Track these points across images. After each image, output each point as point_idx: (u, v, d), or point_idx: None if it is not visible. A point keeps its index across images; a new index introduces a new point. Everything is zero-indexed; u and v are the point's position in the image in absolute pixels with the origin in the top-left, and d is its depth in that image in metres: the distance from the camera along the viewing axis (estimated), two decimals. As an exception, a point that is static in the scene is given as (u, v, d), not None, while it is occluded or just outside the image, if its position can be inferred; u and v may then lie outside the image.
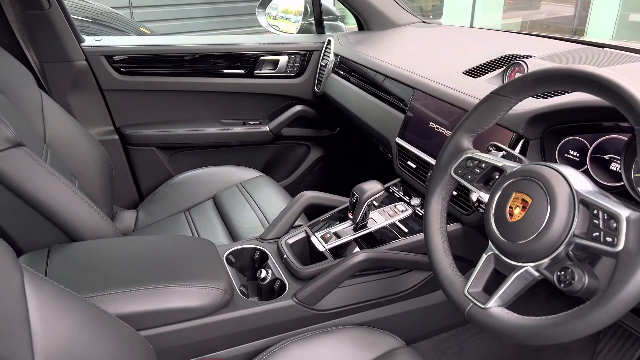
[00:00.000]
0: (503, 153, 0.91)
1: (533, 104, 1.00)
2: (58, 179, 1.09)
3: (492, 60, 1.32)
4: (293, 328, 1.08)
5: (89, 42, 1.76)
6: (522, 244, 0.73)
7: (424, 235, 0.90)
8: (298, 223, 1.31)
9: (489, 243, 0.80)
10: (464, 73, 1.30)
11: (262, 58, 1.90)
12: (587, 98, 0.88)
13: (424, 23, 1.95)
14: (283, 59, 1.92)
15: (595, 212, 0.66)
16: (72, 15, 1.69)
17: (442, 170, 0.91)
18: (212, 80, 1.88)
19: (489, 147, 0.94)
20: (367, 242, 1.19)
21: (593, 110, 0.89)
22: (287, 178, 2.10)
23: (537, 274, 0.73)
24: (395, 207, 1.26)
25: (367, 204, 1.15)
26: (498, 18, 7.03)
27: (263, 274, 1.14)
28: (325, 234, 1.20)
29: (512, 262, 0.75)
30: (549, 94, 1.04)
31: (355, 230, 1.19)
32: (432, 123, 1.25)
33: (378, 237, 1.20)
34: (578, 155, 0.95)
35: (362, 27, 1.96)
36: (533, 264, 0.73)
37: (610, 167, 0.91)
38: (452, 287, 0.82)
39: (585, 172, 0.94)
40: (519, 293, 0.75)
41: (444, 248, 0.87)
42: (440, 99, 1.23)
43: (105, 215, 1.18)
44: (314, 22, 2.02)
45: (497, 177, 0.84)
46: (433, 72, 1.36)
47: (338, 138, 2.11)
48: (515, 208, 0.76)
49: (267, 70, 1.93)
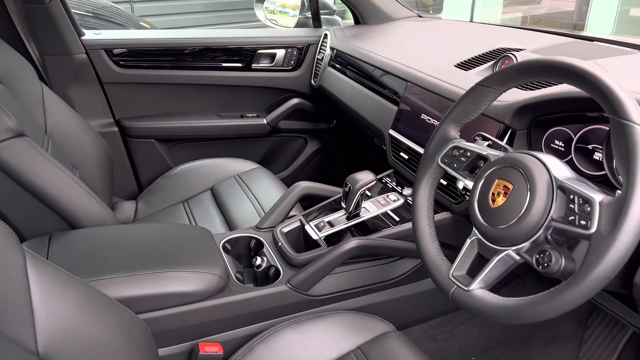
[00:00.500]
0: (489, 142, 0.94)
1: (520, 96, 1.03)
2: (59, 169, 1.12)
3: (483, 54, 1.35)
4: (287, 313, 1.11)
5: (89, 35, 1.79)
6: (503, 229, 0.76)
7: (412, 222, 0.93)
8: (293, 213, 1.34)
9: (473, 228, 0.83)
10: (456, 66, 1.33)
11: (259, 51, 1.93)
12: (571, 89, 0.91)
13: (420, 17, 1.97)
14: (280, 53, 1.95)
15: (572, 197, 0.70)
16: (73, 10, 1.72)
17: (429, 159, 0.94)
18: (210, 74, 1.91)
19: (476, 137, 0.97)
20: (359, 230, 1.22)
21: (577, 101, 0.92)
22: (284, 170, 2.13)
23: (517, 258, 0.76)
24: (388, 196, 1.29)
25: (359, 194, 1.18)
26: (498, 13, 7.03)
27: (258, 261, 1.17)
28: (319, 223, 1.23)
29: (494, 246, 0.78)
30: (536, 86, 1.07)
31: (349, 220, 1.22)
32: (424, 115, 1.28)
33: (370, 225, 1.23)
34: (563, 145, 0.98)
35: (358, 21, 1.99)
36: (514, 248, 0.76)
37: (594, 156, 0.94)
38: (437, 270, 0.85)
39: (570, 161, 0.97)
40: (501, 276, 0.78)
41: (431, 234, 0.90)
42: (432, 91, 1.26)
43: (105, 204, 1.21)
44: (311, 16, 2.05)
45: (481, 165, 0.87)
46: (426, 65, 1.39)
47: (334, 131, 2.14)
48: (498, 194, 0.79)
49: (264, 64, 1.95)
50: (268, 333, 1.03)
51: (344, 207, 1.21)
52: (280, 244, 1.18)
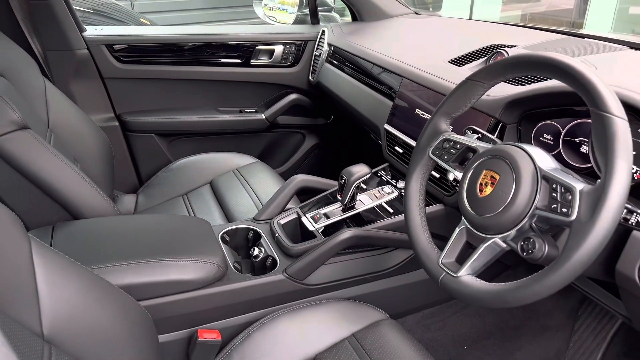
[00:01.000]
0: (478, 135, 0.97)
1: (510, 90, 1.06)
2: (62, 161, 1.14)
3: (476, 50, 1.38)
4: (284, 301, 1.14)
5: (90, 31, 1.82)
6: (490, 217, 0.79)
7: (404, 212, 0.96)
8: (290, 205, 1.37)
9: (462, 218, 0.86)
10: (450, 62, 1.36)
11: (258, 48, 1.95)
12: (559, 84, 0.94)
13: (416, 14, 2.00)
14: (278, 49, 1.98)
15: (554, 186, 0.73)
16: (74, 7, 1.75)
17: (421, 152, 0.97)
18: (209, 69, 1.94)
19: (466, 130, 1.00)
20: (355, 222, 1.25)
21: (564, 96, 0.95)
22: (282, 165, 2.15)
23: (504, 245, 0.79)
24: (382, 189, 1.32)
25: (354, 186, 1.21)
26: (497, 11, 7.04)
27: (256, 252, 1.20)
28: (315, 215, 1.26)
29: (481, 234, 0.81)
30: (526, 81, 1.10)
31: (344, 211, 1.26)
32: (418, 109, 1.31)
33: (365, 217, 1.26)
34: (552, 139, 1.01)
35: (355, 18, 2.02)
36: (500, 236, 0.79)
37: (581, 149, 0.97)
38: (427, 258, 0.88)
39: (558, 154, 1.00)
40: (488, 263, 0.81)
41: (422, 223, 0.93)
42: (426, 87, 1.29)
43: (106, 196, 1.24)
44: (309, 13, 2.07)
45: (471, 157, 0.90)
46: (420, 61, 1.42)
47: (332, 126, 2.17)
48: (485, 184, 0.82)
49: (263, 60, 1.98)
50: (265, 320, 1.06)
51: (340, 199, 1.25)
52: (278, 235, 1.21)
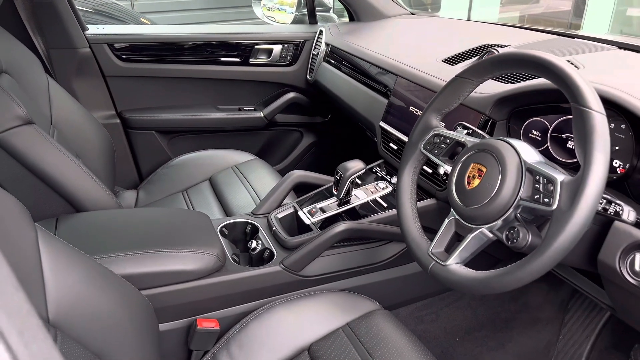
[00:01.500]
0: (468, 131, 1.00)
1: (499, 88, 1.10)
2: (65, 155, 1.18)
3: (469, 50, 1.41)
4: (280, 292, 1.17)
5: (93, 30, 1.85)
6: (477, 208, 0.83)
7: (396, 204, 1.00)
8: (287, 200, 1.41)
9: (451, 209, 0.90)
10: (443, 61, 1.39)
11: (257, 47, 1.99)
12: (545, 82, 0.97)
13: (412, 15, 2.04)
14: (277, 48, 2.01)
15: (538, 177, 0.76)
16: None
17: (413, 147, 1.00)
18: (209, 68, 1.97)
19: (457, 125, 1.04)
20: (350, 216, 1.29)
21: (551, 93, 0.98)
22: (280, 163, 2.19)
23: (491, 235, 0.83)
24: (377, 184, 1.35)
25: (350, 181, 1.24)
26: (495, 12, 7.08)
27: (253, 244, 1.24)
28: (312, 209, 1.30)
29: (469, 224, 0.85)
30: (515, 79, 1.13)
31: (339, 206, 1.29)
32: (412, 107, 1.34)
33: (360, 211, 1.29)
34: (540, 135, 1.05)
35: (352, 18, 2.05)
36: (487, 226, 0.82)
37: (567, 145, 1.00)
38: (418, 248, 0.92)
39: (546, 150, 1.04)
40: (475, 252, 0.85)
41: (413, 215, 0.97)
42: (419, 85, 1.33)
43: (108, 190, 1.28)
44: (307, 13, 2.11)
45: (460, 151, 0.94)
46: (415, 60, 1.45)
47: (329, 125, 2.21)
48: (473, 177, 0.85)
49: (261, 59, 2.02)
50: (262, 310, 1.10)
51: (335, 194, 1.28)
52: (275, 229, 1.25)
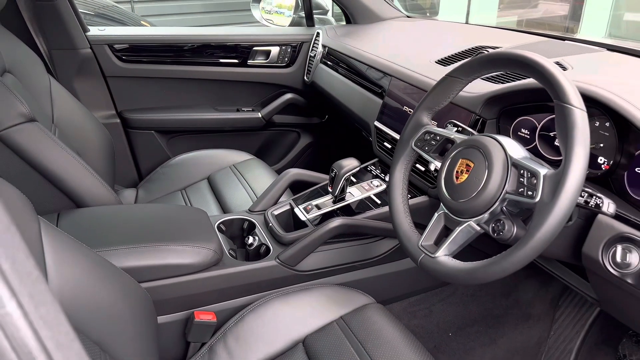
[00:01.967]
0: (458, 128, 1.04)
1: (489, 88, 1.13)
2: (67, 152, 1.21)
3: (462, 51, 1.45)
4: (276, 286, 1.20)
5: (94, 31, 1.89)
6: (465, 202, 0.86)
7: (388, 200, 1.03)
8: (283, 198, 1.43)
9: (440, 204, 0.93)
10: (436, 62, 1.43)
11: (255, 48, 2.02)
12: (533, 81, 1.00)
13: (408, 18, 2.07)
14: (275, 50, 2.05)
15: (522, 172, 0.79)
16: (77, 9, 1.82)
17: (404, 144, 1.03)
18: (208, 69, 2.01)
19: (447, 124, 1.07)
20: (345, 213, 1.32)
21: (538, 92, 1.01)
22: (278, 163, 2.22)
23: (478, 228, 0.86)
24: (372, 182, 1.38)
25: (344, 179, 1.27)
26: (493, 17, 7.13)
27: (250, 240, 1.27)
28: (307, 206, 1.33)
29: (457, 218, 0.88)
30: (505, 80, 1.16)
31: (335, 203, 1.32)
32: (405, 107, 1.38)
33: (355, 208, 1.32)
34: (529, 133, 1.08)
35: (349, 20, 2.09)
36: (475, 219, 0.85)
37: (555, 142, 1.03)
38: (408, 241, 0.95)
39: (534, 148, 1.07)
40: (463, 244, 0.88)
41: (404, 210, 1.00)
42: (413, 85, 1.36)
43: (108, 186, 1.31)
44: (304, 15, 2.15)
45: (450, 147, 0.97)
46: (409, 61, 1.49)
47: (326, 126, 2.24)
48: (461, 172, 0.88)
49: (259, 60, 2.05)
50: (258, 303, 1.12)
51: (331, 191, 1.31)
52: (271, 225, 1.28)
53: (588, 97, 0.87)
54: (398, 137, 1.38)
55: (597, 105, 0.90)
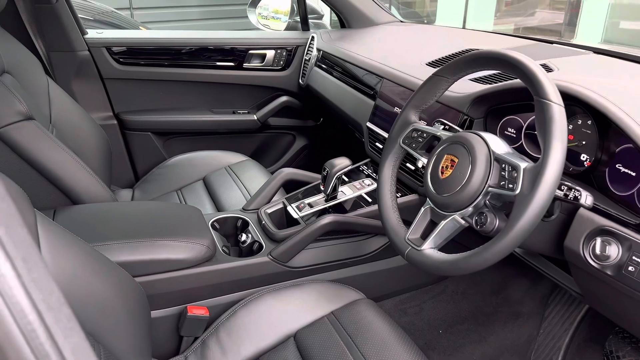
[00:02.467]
0: (445, 126, 1.06)
1: (476, 88, 1.16)
2: (64, 150, 1.23)
3: (453, 54, 1.48)
4: (268, 282, 1.22)
5: (92, 34, 1.92)
6: (449, 196, 0.88)
7: (377, 196, 1.05)
8: (277, 197, 1.46)
9: (427, 199, 0.95)
10: (427, 64, 1.46)
11: (251, 52, 2.06)
12: (518, 81, 1.03)
13: (401, 22, 2.11)
14: (270, 53, 2.08)
15: (504, 166, 0.82)
16: (76, 14, 1.86)
17: (393, 141, 1.06)
18: (204, 72, 2.04)
19: (435, 122, 1.10)
20: (336, 211, 1.34)
21: (523, 92, 1.04)
22: (273, 165, 2.24)
23: (462, 222, 0.88)
24: (363, 181, 1.41)
25: (336, 177, 1.30)
26: (490, 24, 7.20)
27: (243, 237, 1.29)
28: (300, 204, 1.35)
29: (442, 212, 0.91)
30: (492, 81, 1.19)
31: (327, 201, 1.34)
32: (396, 107, 1.40)
33: (346, 207, 1.35)
34: (515, 132, 1.11)
35: (343, 25, 2.12)
36: (459, 213, 0.88)
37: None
38: (396, 235, 0.97)
39: (520, 146, 1.09)
40: (448, 237, 0.90)
41: (392, 205, 1.02)
42: (403, 86, 1.39)
43: (104, 184, 1.33)
44: (300, 20, 2.18)
45: (436, 144, 0.99)
46: (400, 63, 1.52)
47: (321, 128, 2.27)
48: (446, 167, 0.91)
49: (255, 63, 2.08)
50: (250, 299, 1.14)
51: (323, 189, 1.33)
52: (264, 222, 1.30)
53: (569, 95, 0.90)
54: (389, 137, 1.41)
55: (578, 104, 0.93)
